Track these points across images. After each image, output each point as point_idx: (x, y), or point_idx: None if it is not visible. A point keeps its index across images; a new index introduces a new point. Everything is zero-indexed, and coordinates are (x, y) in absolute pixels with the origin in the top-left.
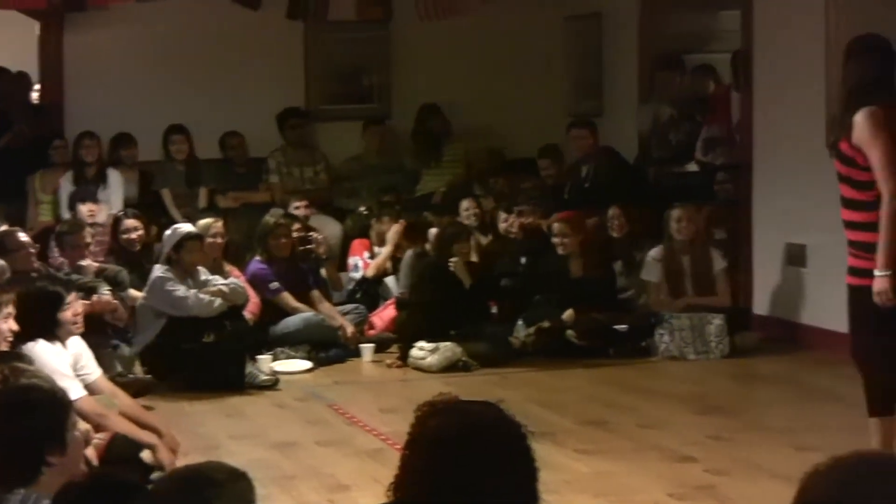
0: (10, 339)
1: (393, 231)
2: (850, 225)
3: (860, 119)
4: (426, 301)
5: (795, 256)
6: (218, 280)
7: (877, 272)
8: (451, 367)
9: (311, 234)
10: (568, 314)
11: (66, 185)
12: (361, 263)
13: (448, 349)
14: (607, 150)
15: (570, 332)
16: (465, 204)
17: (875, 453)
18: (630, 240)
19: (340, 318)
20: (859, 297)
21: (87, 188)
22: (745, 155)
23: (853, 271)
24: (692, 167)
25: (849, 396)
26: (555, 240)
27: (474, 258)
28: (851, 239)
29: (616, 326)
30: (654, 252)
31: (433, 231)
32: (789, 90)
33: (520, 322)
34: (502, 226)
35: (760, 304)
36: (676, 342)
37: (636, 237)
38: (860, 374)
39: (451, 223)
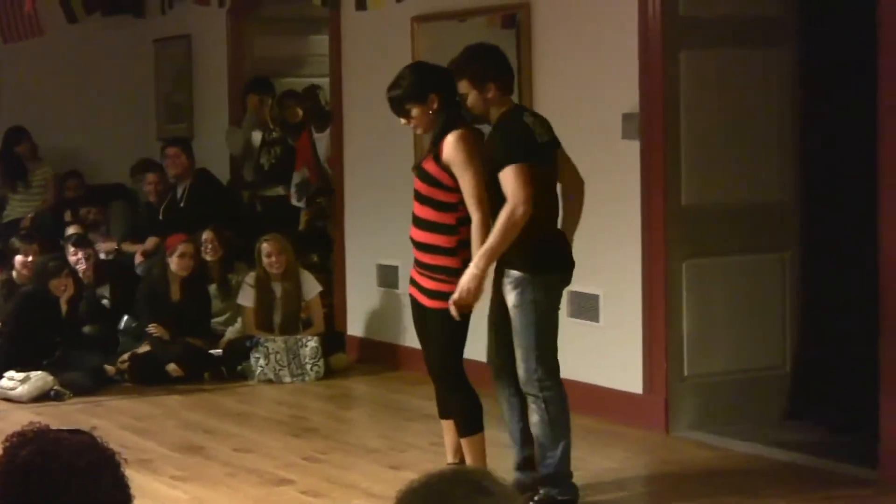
0: None
1: None
2: (427, 248)
3: (453, 140)
4: (19, 330)
5: (387, 278)
6: None
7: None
8: (42, 397)
9: None
10: (158, 330)
11: None
12: None
13: (39, 378)
14: (202, 172)
15: (171, 367)
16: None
17: (466, 469)
18: (224, 263)
19: None
20: (439, 319)
21: None
22: (337, 179)
23: (432, 294)
24: (284, 191)
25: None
26: (172, 259)
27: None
28: (428, 262)
29: (211, 351)
30: (250, 277)
31: (19, 259)
32: (377, 114)
33: (117, 349)
34: (71, 258)
35: (355, 326)
36: (272, 365)
37: (230, 261)
38: (436, 385)
39: (52, 257)
